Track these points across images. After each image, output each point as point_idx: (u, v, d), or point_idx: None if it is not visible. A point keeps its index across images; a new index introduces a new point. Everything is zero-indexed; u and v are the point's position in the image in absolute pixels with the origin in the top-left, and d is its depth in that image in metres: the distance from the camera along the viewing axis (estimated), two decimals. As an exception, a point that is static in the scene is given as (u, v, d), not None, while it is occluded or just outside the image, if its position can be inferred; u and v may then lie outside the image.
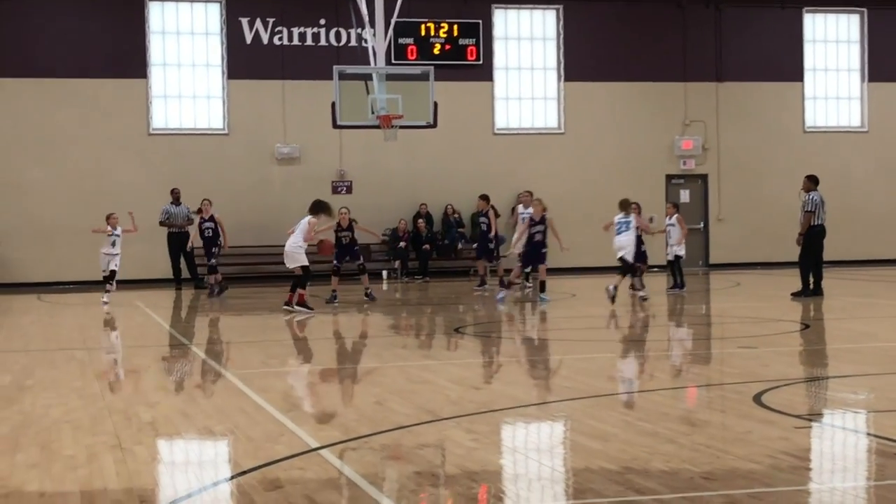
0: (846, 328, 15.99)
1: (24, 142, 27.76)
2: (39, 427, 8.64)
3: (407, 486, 6.54)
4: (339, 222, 20.95)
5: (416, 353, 13.97)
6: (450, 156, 29.52)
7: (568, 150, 30.42)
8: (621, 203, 20.99)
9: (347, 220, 21.14)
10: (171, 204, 26.53)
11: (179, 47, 28.85)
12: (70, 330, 17.11)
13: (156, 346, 15.23)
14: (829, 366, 12.27)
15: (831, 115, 32.34)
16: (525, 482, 6.80)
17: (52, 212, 27.79)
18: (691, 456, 7.13)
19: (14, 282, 27.13)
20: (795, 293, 20.29)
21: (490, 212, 23.79)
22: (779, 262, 29.28)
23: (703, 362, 12.74)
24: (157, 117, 28.68)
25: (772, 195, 30.83)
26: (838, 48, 32.42)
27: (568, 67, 30.56)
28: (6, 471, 7.10)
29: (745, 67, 31.22)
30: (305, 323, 17.51)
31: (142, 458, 7.47)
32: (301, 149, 28.93)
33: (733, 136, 31.27)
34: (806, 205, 20.32)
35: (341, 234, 21.03)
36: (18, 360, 13.15)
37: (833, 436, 8.19)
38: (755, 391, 9.49)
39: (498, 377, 11.35)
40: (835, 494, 6.32)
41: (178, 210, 26.55)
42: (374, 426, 8.38)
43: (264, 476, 6.77)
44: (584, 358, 13.26)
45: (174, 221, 26.51)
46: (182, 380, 11.96)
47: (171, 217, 26.54)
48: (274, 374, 12.43)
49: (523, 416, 8.91)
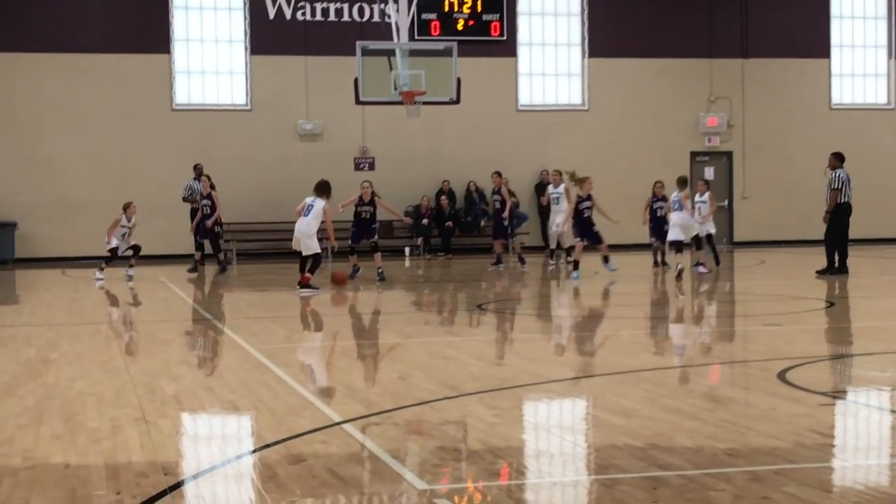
0: (871, 306, 15.89)
1: (48, 117, 27.83)
2: (64, 400, 8.67)
3: (429, 460, 6.53)
4: (360, 196, 20.46)
5: (439, 328, 13.97)
6: (473, 132, 29.45)
7: (592, 127, 30.30)
8: (680, 180, 21.23)
9: (370, 193, 20.53)
10: (194, 179, 26.55)
11: (203, 23, 28.84)
12: (94, 304, 17.18)
13: (179, 321, 15.27)
14: (854, 343, 12.21)
15: (857, 91, 32.12)
16: (547, 458, 6.79)
17: (76, 187, 27.88)
18: (715, 432, 7.10)
19: (38, 256, 27.27)
20: (820, 271, 20.19)
21: (504, 189, 23.47)
22: (804, 239, 29.17)
23: (727, 339, 12.68)
24: (180, 93, 28.70)
25: (797, 173, 30.67)
26: (865, 24, 32.16)
27: (592, 43, 30.41)
28: (31, 443, 7.13)
29: (771, 44, 31.00)
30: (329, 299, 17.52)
31: (165, 431, 7.49)
32: (324, 125, 28.91)
33: (759, 113, 31.09)
34: (832, 182, 20.19)
35: (362, 209, 20.49)
36: (43, 335, 13.22)
37: (857, 413, 8.14)
38: (780, 368, 9.44)
39: (520, 353, 11.33)
40: (859, 471, 6.29)
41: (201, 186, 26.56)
42: (397, 401, 8.38)
43: (287, 450, 6.78)
44: (608, 334, 13.24)
45: (197, 197, 26.53)
46: (205, 354, 12.00)
47: (194, 193, 26.55)
48: (297, 348, 12.46)
49: (546, 392, 8.89)
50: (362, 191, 20.57)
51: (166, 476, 6.24)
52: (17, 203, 27.41)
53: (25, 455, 6.78)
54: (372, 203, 20.51)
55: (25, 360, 11.01)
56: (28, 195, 27.56)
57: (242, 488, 6.20)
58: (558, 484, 6.17)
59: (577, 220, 20.72)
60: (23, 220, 27.33)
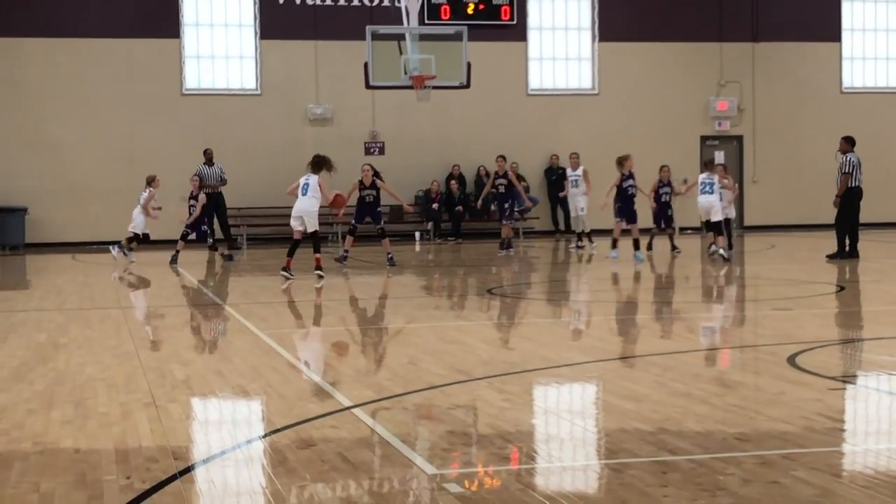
0: (882, 290, 15.87)
1: (58, 102, 27.85)
2: (74, 384, 8.70)
3: (439, 445, 6.54)
4: (361, 180, 20.06)
5: (449, 313, 13.97)
6: (483, 116, 29.41)
7: (602, 111, 30.24)
8: (706, 163, 21.72)
9: (371, 176, 20.02)
10: (204, 164, 26.54)
11: (212, 7, 28.82)
12: (104, 289, 17.22)
13: (189, 306, 15.30)
14: (864, 328, 12.19)
15: (868, 75, 32.00)
16: (557, 442, 6.80)
17: (86, 172, 27.91)
18: (725, 417, 7.10)
19: (49, 241, 27.32)
20: (831, 255, 20.15)
21: (510, 173, 23.37)
22: (814, 224, 29.10)
23: (737, 324, 12.67)
24: (189, 77, 28.70)
25: (808, 157, 30.60)
26: (876, 7, 32.02)
27: (602, 27, 30.33)
28: (41, 427, 7.16)
29: (782, 27, 30.88)
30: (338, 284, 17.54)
31: (176, 415, 7.51)
32: (334, 109, 28.90)
33: (769, 97, 31.00)
34: (843, 166, 20.13)
35: (364, 193, 20.01)
36: (53, 319, 13.25)
37: (867, 397, 8.14)
38: (789, 353, 9.43)
39: (530, 338, 11.34)
40: (868, 456, 6.28)
41: (212, 171, 26.56)
42: (407, 386, 8.39)
43: (297, 434, 6.80)
44: (617, 319, 13.23)
45: (207, 182, 26.50)
46: (215, 339, 12.02)
47: (205, 177, 26.55)
48: (307, 333, 12.48)
49: (555, 377, 8.90)
50: (363, 174, 20.19)
51: (176, 461, 6.25)
52: (28, 188, 27.45)
53: (36, 440, 6.81)
54: (374, 186, 20.07)
55: (36, 344, 11.04)
56: (38, 180, 27.59)
57: (252, 473, 6.22)
58: (568, 468, 6.18)
59: (622, 198, 21.04)
60: (33, 206, 27.37)
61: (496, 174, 23.19)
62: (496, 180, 23.07)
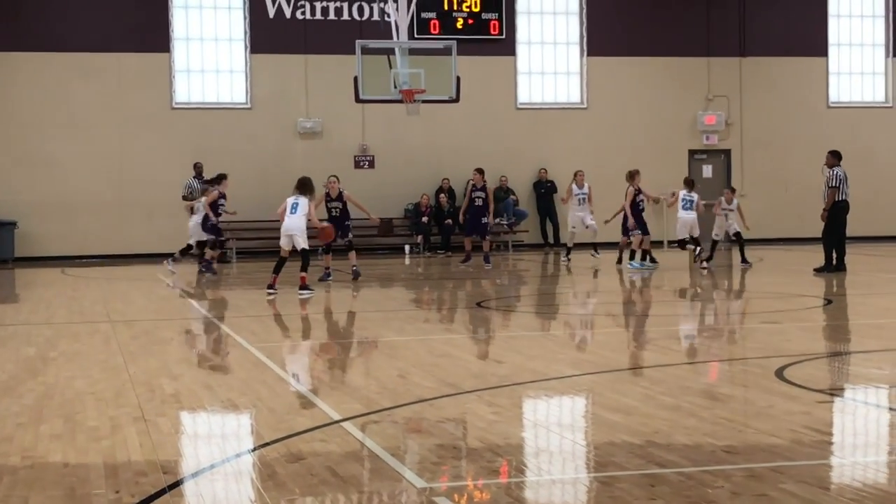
0: (869, 303, 15.91)
1: (48, 116, 27.83)
2: (63, 399, 8.69)
3: (428, 458, 6.55)
4: (327, 192, 19.67)
5: (438, 326, 13.99)
6: (472, 130, 29.46)
7: (590, 125, 30.32)
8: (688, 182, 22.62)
9: (337, 189, 19.63)
10: (194, 178, 26.56)
11: (202, 21, 28.85)
12: (93, 303, 17.20)
13: (179, 320, 15.29)
14: (852, 341, 12.23)
15: (855, 90, 32.14)
16: (546, 455, 6.81)
17: (76, 186, 27.88)
18: (713, 430, 7.13)
19: (38, 255, 27.26)
20: (818, 268, 20.22)
21: (487, 185, 23.44)
22: (802, 237, 29.17)
23: (725, 337, 12.70)
24: (180, 91, 28.71)
25: (795, 171, 30.70)
26: (863, 23, 32.17)
27: (591, 42, 30.42)
28: (30, 441, 7.15)
29: (769, 42, 31.02)
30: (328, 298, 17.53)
31: (165, 429, 7.51)
32: (323, 123, 28.93)
33: (756, 112, 31.11)
34: (830, 180, 20.22)
35: (331, 206, 19.66)
36: (42, 333, 13.23)
37: (855, 410, 8.17)
38: (777, 366, 9.47)
39: (519, 351, 11.35)
40: (856, 469, 6.31)
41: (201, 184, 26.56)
42: (396, 399, 8.40)
43: (287, 448, 6.80)
44: (606, 332, 13.25)
45: (196, 196, 26.52)
46: (204, 352, 12.02)
47: (194, 191, 26.54)
48: (296, 346, 12.48)
49: (545, 390, 8.92)
50: (329, 186, 19.78)
51: (165, 475, 6.26)
52: (17, 202, 27.41)
53: (25, 454, 6.81)
54: (340, 199, 19.70)
55: (25, 358, 11.02)
56: (28, 194, 27.55)
57: (241, 487, 6.22)
58: (557, 481, 6.20)
59: (636, 212, 22.02)
60: (22, 219, 27.33)
61: (474, 187, 23.21)
62: (473, 193, 23.07)
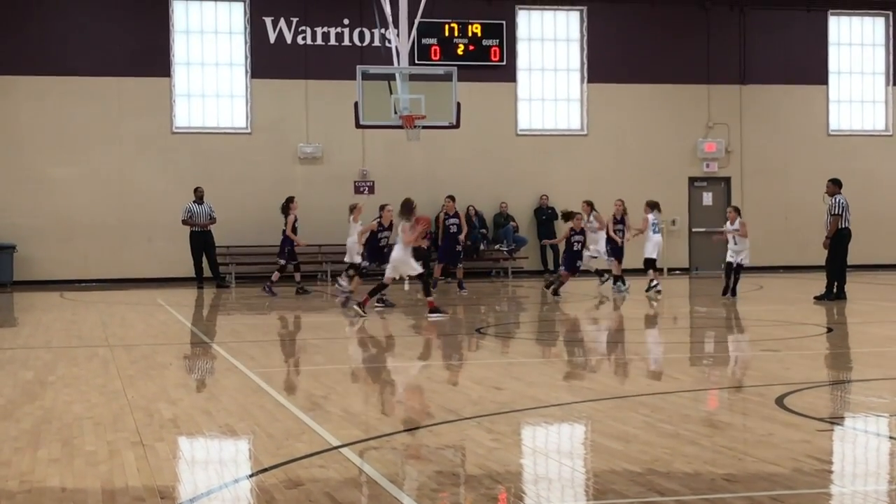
0: (869, 332, 15.90)
1: (48, 140, 27.87)
2: (61, 423, 8.66)
3: (427, 485, 6.53)
4: (380, 221, 19.80)
5: (438, 352, 13.96)
6: (472, 156, 29.50)
7: (591, 152, 30.36)
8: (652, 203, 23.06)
9: (389, 218, 19.73)
10: (194, 203, 26.59)
11: (203, 46, 28.93)
12: (92, 327, 17.17)
13: (177, 344, 15.26)
14: (853, 369, 12.20)
15: (855, 118, 32.20)
16: (546, 482, 6.79)
17: (75, 210, 27.90)
18: (713, 458, 7.10)
19: (37, 279, 27.25)
20: (818, 296, 20.20)
21: (459, 213, 23.52)
22: (801, 265, 29.19)
23: (725, 365, 12.68)
24: (180, 116, 28.76)
25: (795, 199, 30.73)
26: (863, 51, 32.28)
27: (591, 69, 30.51)
28: (28, 466, 7.13)
29: (769, 70, 31.10)
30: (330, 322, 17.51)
31: (163, 454, 7.48)
32: (324, 148, 28.97)
33: (757, 139, 31.16)
34: (832, 208, 20.23)
35: (381, 235, 19.83)
36: (41, 357, 13.21)
37: (855, 439, 8.14)
38: (777, 394, 9.44)
39: (519, 377, 11.33)
40: (856, 498, 6.29)
41: (201, 209, 26.61)
42: (395, 425, 8.38)
43: (285, 474, 6.78)
44: (606, 359, 13.23)
45: (196, 220, 26.56)
46: (203, 377, 11.99)
47: (194, 216, 26.60)
48: (295, 372, 12.45)
49: (544, 417, 8.89)
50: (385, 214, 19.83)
51: (163, 500, 6.23)
52: (16, 225, 27.42)
53: (22, 478, 6.78)
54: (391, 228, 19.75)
55: (23, 382, 11.00)
56: (27, 218, 27.57)
57: (240, 512, 6.19)
58: (556, 509, 6.16)
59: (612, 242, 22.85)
60: (21, 243, 27.33)
61: (447, 215, 23.27)
62: (447, 221, 23.11)
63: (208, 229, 26.40)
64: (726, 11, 30.96)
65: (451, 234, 23.06)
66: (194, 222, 26.57)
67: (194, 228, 26.55)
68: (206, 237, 26.38)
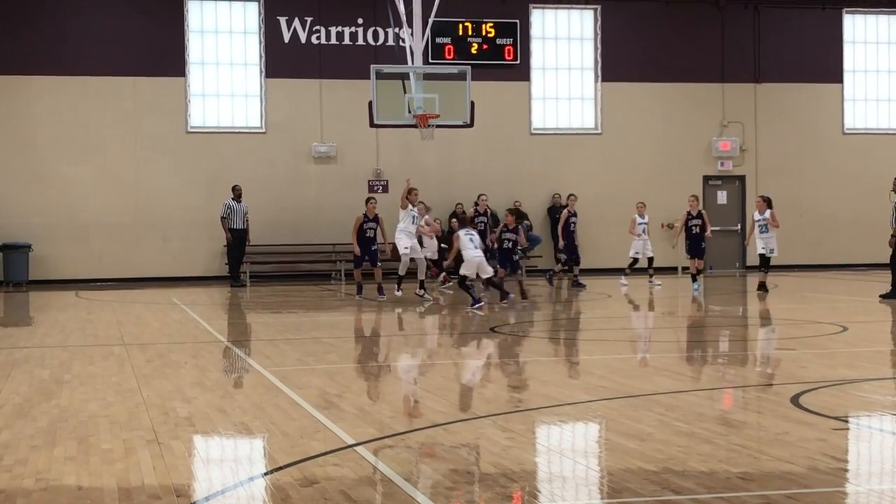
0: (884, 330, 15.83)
1: (63, 139, 27.95)
2: (77, 421, 8.69)
3: (442, 483, 6.53)
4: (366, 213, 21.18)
5: (452, 351, 13.96)
6: (486, 155, 29.50)
7: (605, 151, 30.33)
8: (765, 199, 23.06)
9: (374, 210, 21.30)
10: (233, 199, 26.67)
11: (218, 46, 28.98)
12: (107, 326, 17.22)
13: (192, 343, 15.29)
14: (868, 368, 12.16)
15: (871, 116, 32.09)
16: (560, 481, 6.78)
17: (91, 209, 27.97)
18: (728, 456, 7.09)
19: (52, 278, 27.33)
20: (884, 294, 20.09)
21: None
22: (817, 264, 29.11)
23: (740, 363, 12.66)
24: (195, 115, 28.81)
25: (810, 197, 30.64)
26: (878, 49, 32.17)
27: (605, 68, 30.48)
28: (44, 464, 7.15)
29: (784, 68, 31.02)
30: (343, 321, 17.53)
31: (178, 452, 7.50)
32: (338, 147, 28.99)
33: (771, 138, 31.08)
34: None
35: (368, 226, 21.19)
36: (56, 356, 13.25)
37: (871, 438, 8.12)
38: (793, 393, 9.42)
39: (533, 376, 11.33)
40: (872, 497, 6.27)
41: (239, 207, 26.69)
42: (410, 423, 8.38)
43: (300, 472, 6.79)
44: (620, 358, 13.22)
45: (234, 218, 26.65)
46: (218, 376, 12.01)
47: (233, 213, 26.67)
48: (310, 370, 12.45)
49: (559, 416, 8.89)
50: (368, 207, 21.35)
51: (178, 498, 6.25)
52: (32, 225, 27.51)
53: (39, 476, 6.80)
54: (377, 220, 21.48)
55: (39, 381, 11.04)
56: (42, 217, 27.66)
57: (255, 510, 6.20)
58: (571, 507, 6.16)
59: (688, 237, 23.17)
60: (37, 242, 27.41)
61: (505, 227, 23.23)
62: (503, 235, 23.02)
63: (245, 227, 26.59)
64: (741, 9, 30.88)
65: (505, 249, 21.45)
66: (233, 220, 26.63)
67: (231, 226, 26.60)
68: (242, 235, 26.55)
